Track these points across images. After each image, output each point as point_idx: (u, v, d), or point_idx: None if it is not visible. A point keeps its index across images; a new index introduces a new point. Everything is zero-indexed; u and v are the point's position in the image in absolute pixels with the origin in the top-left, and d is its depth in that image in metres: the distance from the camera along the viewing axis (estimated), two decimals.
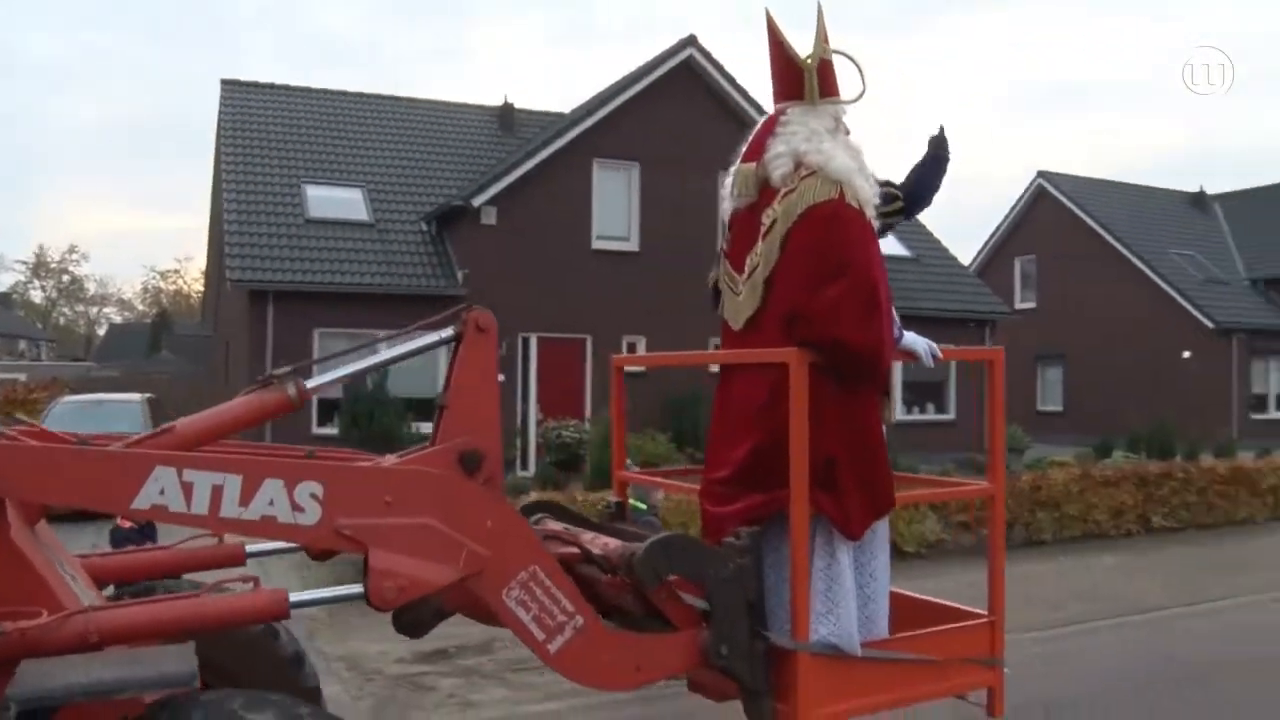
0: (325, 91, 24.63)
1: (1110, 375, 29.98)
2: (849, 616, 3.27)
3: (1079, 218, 31.41)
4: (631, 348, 20.50)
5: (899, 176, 4.25)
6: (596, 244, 20.71)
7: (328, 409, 17.92)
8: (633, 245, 21.08)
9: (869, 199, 3.40)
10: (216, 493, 2.69)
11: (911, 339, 3.58)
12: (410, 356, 3.41)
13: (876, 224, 3.43)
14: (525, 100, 37.48)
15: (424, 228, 20.66)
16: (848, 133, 3.59)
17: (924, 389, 23.93)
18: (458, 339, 3.25)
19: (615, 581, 3.24)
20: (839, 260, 3.23)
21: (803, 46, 3.62)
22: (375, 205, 20.99)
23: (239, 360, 19.81)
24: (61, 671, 2.39)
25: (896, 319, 3.45)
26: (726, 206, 3.78)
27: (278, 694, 2.67)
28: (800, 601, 3.18)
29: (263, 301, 18.26)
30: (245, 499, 2.71)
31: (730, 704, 3.45)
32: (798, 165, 3.41)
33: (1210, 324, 29.41)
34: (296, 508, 2.74)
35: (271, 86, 24.30)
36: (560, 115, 24.37)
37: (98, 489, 2.64)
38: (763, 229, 3.44)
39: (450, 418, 3.18)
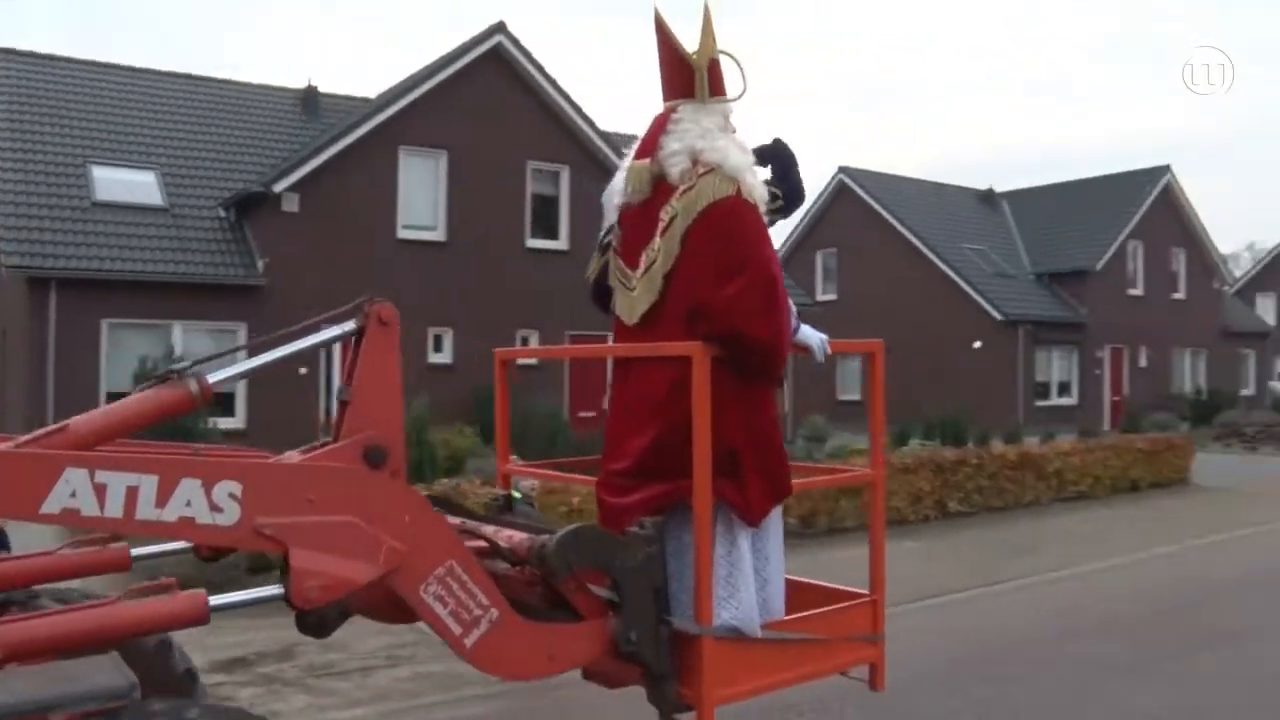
0: (115, 67, 23.31)
1: (907, 365, 31.79)
2: (749, 600, 3.49)
3: (878, 212, 33.11)
4: (438, 340, 20.38)
5: None
6: (403, 233, 20.50)
7: None
8: (440, 235, 20.96)
9: (762, 196, 3.61)
10: (132, 494, 2.64)
11: (807, 333, 3.80)
12: (311, 350, 3.39)
13: (766, 220, 3.64)
14: (329, 84, 36.52)
15: (222, 214, 19.94)
16: (734, 130, 3.79)
17: None
18: (359, 333, 3.28)
19: (523, 574, 3.35)
20: (740, 256, 3.42)
21: (688, 45, 3.80)
22: (169, 189, 20.09)
23: (17, 353, 18.58)
24: None
25: (794, 310, 3.67)
26: (616, 203, 3.90)
27: (234, 706, 2.65)
28: (704, 587, 3.38)
29: (43, 290, 17.23)
30: (162, 500, 2.67)
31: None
32: (695, 162, 3.59)
33: (999, 316, 31.57)
34: (215, 508, 2.72)
35: (53, 58, 22.78)
36: (366, 100, 23.92)
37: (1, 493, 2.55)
38: (661, 225, 3.60)
39: (354, 412, 3.19)
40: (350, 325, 3.29)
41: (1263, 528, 14.07)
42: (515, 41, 21.68)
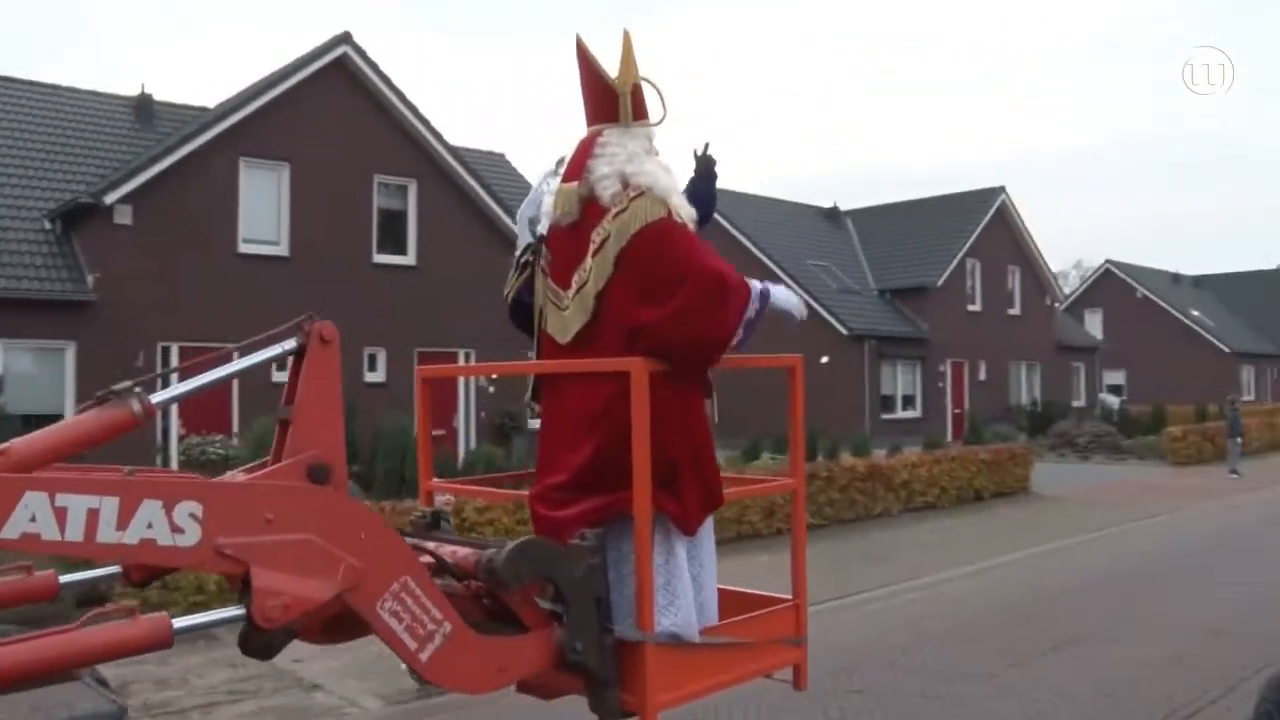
0: None
1: (756, 379, 32.49)
2: (688, 606, 3.67)
3: (727, 230, 33.87)
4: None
5: None
6: (243, 247, 20.05)
7: None
8: (282, 249, 20.58)
9: (690, 214, 3.83)
10: (92, 517, 2.64)
11: (782, 297, 3.94)
12: (252, 368, 3.42)
13: None
14: (165, 91, 35.22)
15: (47, 226, 19.09)
16: (657, 153, 3.99)
17: None
18: (300, 351, 3.34)
19: (468, 588, 3.45)
20: (679, 270, 3.60)
21: (609, 70, 3.99)
22: None
23: None
24: None
25: (762, 286, 3.85)
26: (543, 225, 4.06)
27: None
28: (645, 595, 3.55)
29: None
30: (123, 522, 2.68)
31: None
32: (625, 185, 3.77)
33: (845, 331, 32.72)
34: (176, 529, 2.74)
35: None
36: (204, 109, 23.22)
37: None
38: (593, 246, 3.76)
39: (296, 431, 3.25)
40: (291, 344, 3.34)
41: (1099, 534, 15.09)
42: (361, 52, 21.46)
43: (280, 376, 3.38)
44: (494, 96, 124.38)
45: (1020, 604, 10.28)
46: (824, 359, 32.67)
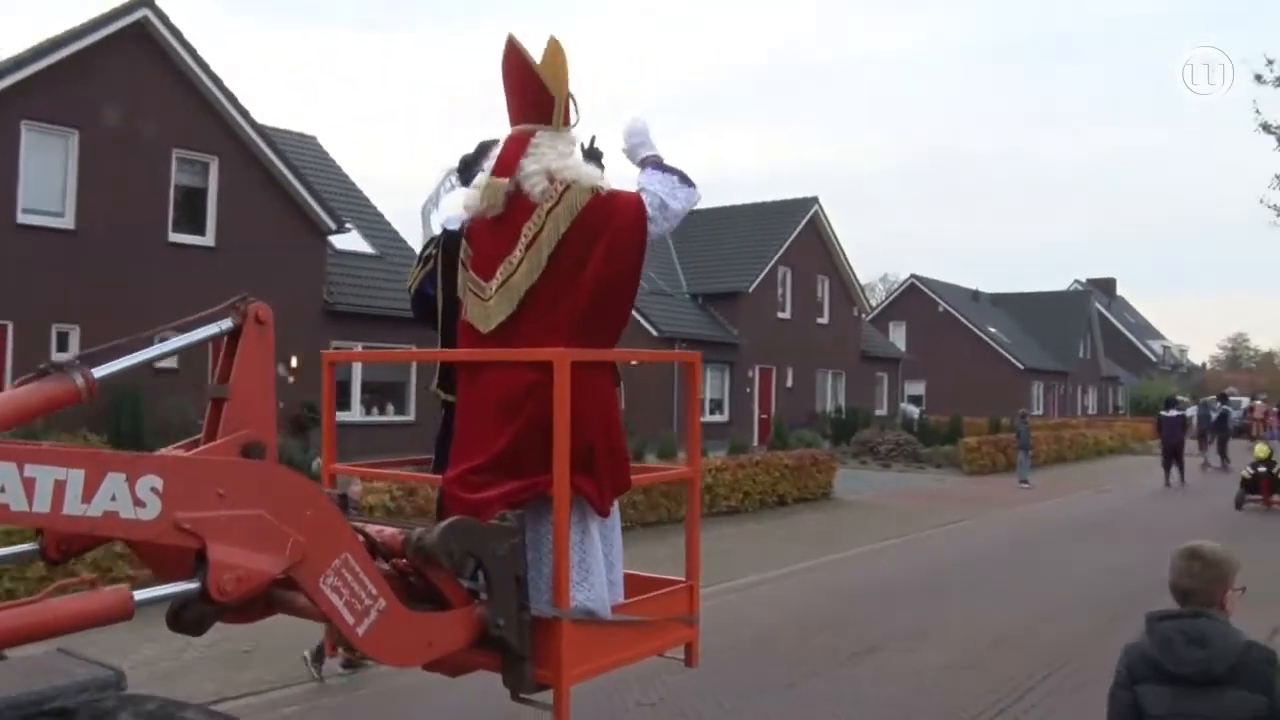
0: None
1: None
2: (601, 585, 4.02)
3: None
4: (63, 337, 19.14)
5: None
6: (23, 218, 19.12)
7: None
8: (68, 222, 19.73)
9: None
10: (59, 489, 2.77)
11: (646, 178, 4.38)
12: (189, 348, 3.56)
13: None
14: None
15: None
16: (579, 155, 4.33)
17: (384, 390, 24.85)
18: (236, 331, 3.51)
19: (398, 567, 3.68)
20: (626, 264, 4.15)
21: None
22: None
23: None
24: None
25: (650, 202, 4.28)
26: (456, 218, 4.32)
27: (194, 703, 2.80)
28: (561, 573, 3.86)
29: None
30: (88, 495, 2.81)
31: None
32: (552, 180, 4.07)
33: (656, 333, 33.46)
34: (138, 502, 2.89)
35: None
36: None
37: None
38: (524, 240, 4.05)
39: (232, 410, 3.43)
40: (227, 323, 3.51)
41: (898, 540, 15.82)
42: (163, 17, 20.74)
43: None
44: (312, 82, 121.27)
45: (821, 611, 10.57)
46: (632, 361, 33.40)
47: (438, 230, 4.70)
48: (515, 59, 4.23)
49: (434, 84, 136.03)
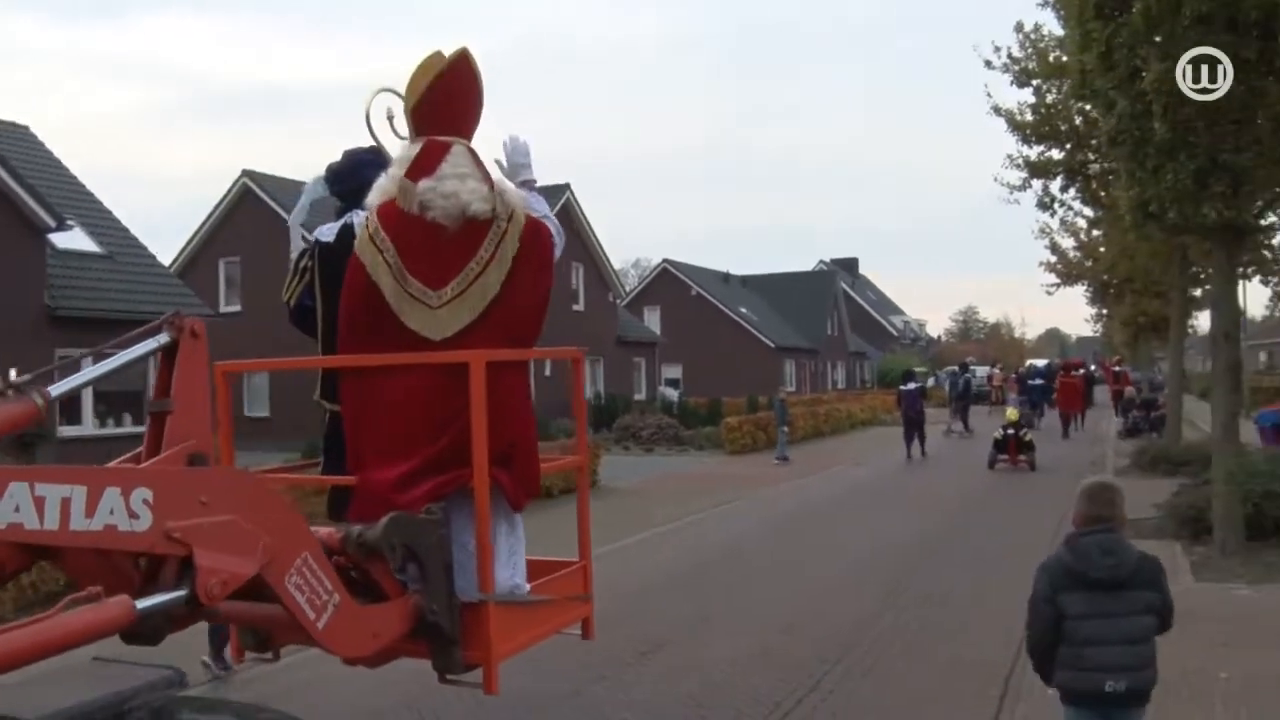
0: None
1: (311, 379, 32.19)
2: (520, 570, 4.50)
3: (284, 220, 33.44)
4: None
5: None
6: None
7: None
8: None
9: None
10: (65, 505, 3.01)
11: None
12: (132, 364, 3.80)
13: None
14: None
15: None
16: None
17: (121, 400, 23.95)
18: (173, 346, 3.80)
19: (338, 563, 4.04)
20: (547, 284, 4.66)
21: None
22: None
23: None
24: (52, 695, 2.67)
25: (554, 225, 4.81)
26: (360, 221, 4.67)
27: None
28: (486, 560, 4.31)
29: None
30: (90, 510, 3.06)
31: None
32: (497, 201, 4.53)
33: None
34: (132, 515, 3.16)
35: None
36: None
37: None
38: (483, 256, 4.48)
39: (174, 422, 3.72)
40: (164, 338, 3.80)
41: (671, 525, 16.14)
42: None
43: None
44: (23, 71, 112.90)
45: (601, 608, 9.35)
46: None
47: (305, 242, 5.07)
48: (470, 75, 4.65)
49: (167, 76, 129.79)
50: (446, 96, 4.62)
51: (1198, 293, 25.22)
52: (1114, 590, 4.39)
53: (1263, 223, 14.26)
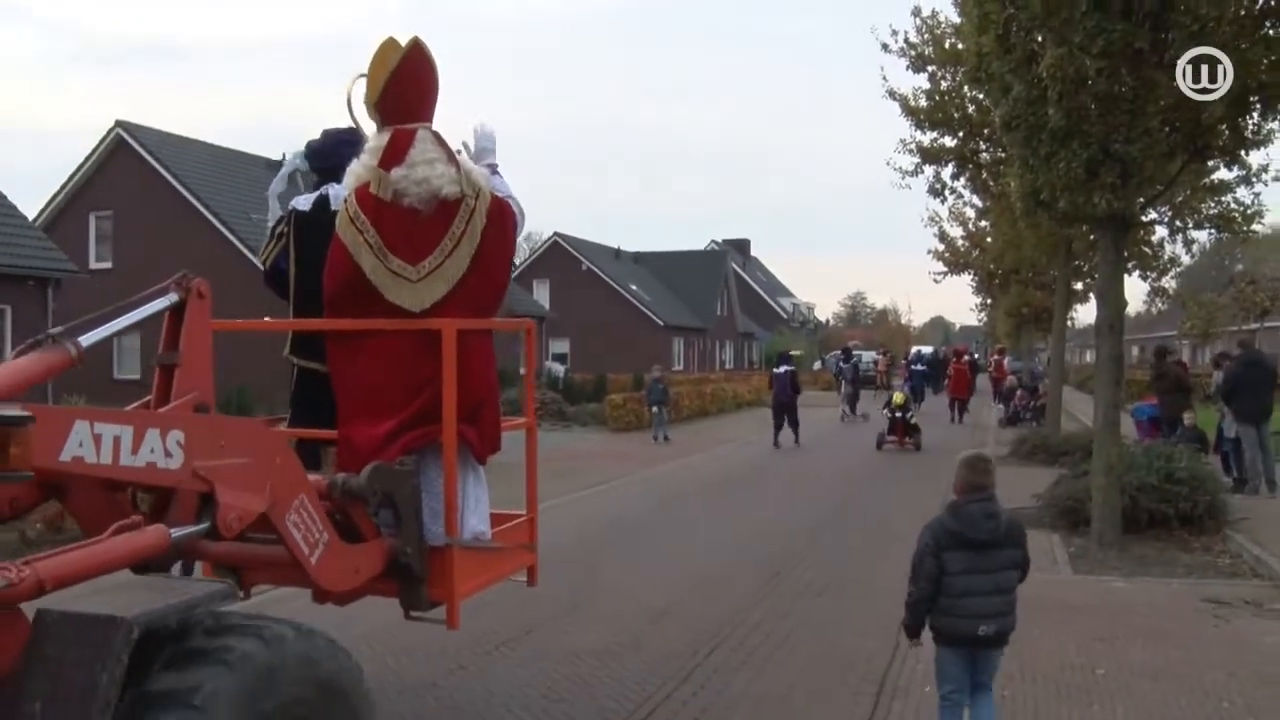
0: None
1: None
2: (484, 517, 5.14)
3: (161, 175, 33.09)
4: None
5: None
6: None
7: None
8: None
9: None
10: (116, 443, 3.56)
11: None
12: (146, 319, 4.34)
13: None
14: None
15: None
16: None
17: None
18: (181, 305, 4.34)
19: (324, 507, 4.61)
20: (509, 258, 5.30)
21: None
22: None
23: None
24: (137, 600, 3.25)
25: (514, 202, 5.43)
26: (339, 202, 5.24)
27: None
28: (452, 507, 4.93)
29: None
30: (135, 448, 3.62)
31: None
32: (465, 183, 5.11)
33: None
34: (168, 454, 3.72)
35: None
36: None
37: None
38: (454, 233, 5.07)
39: (182, 375, 4.28)
40: (174, 297, 4.35)
41: (552, 503, 15.40)
42: None
43: None
44: None
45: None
46: (266, 318, 33.05)
47: (282, 209, 5.62)
48: (427, 62, 5.21)
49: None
50: (405, 86, 5.20)
51: (1079, 285, 26.53)
52: (989, 549, 5.30)
53: (1145, 218, 15.00)
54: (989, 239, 30.10)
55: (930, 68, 21.01)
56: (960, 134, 21.39)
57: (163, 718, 3.24)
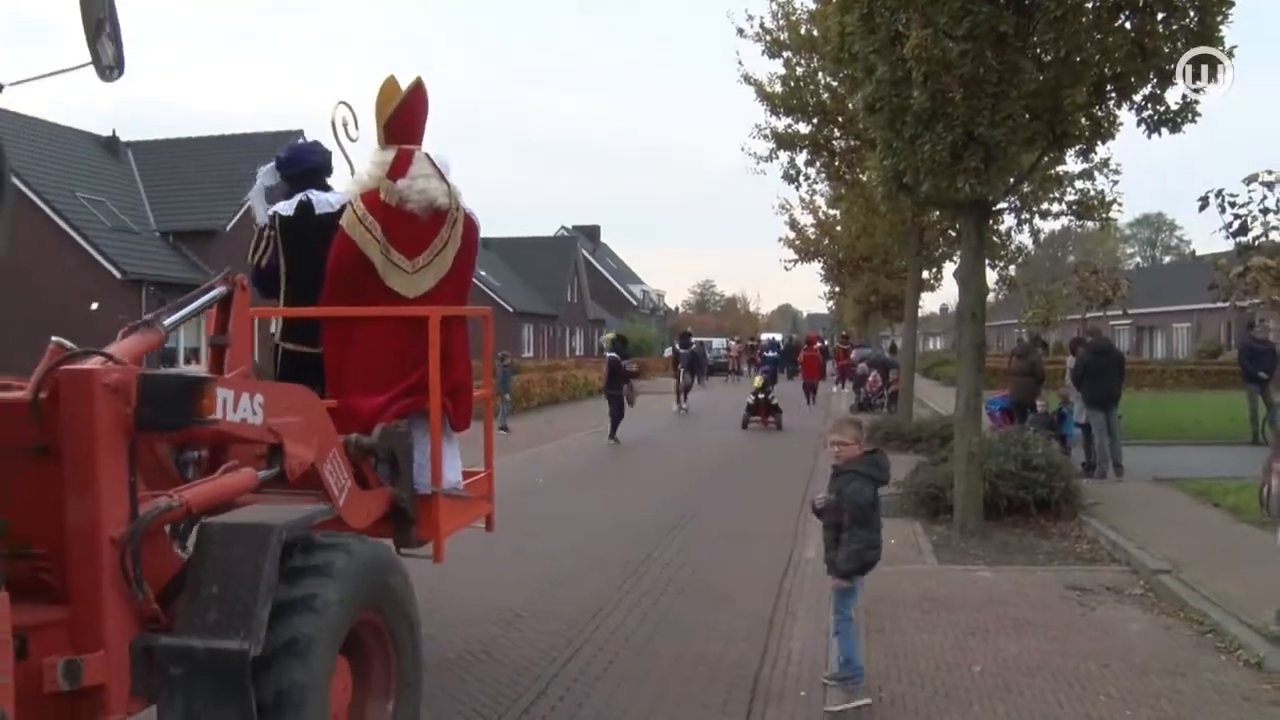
0: None
1: (8, 325, 30.77)
2: (458, 472, 6.68)
3: None
4: None
5: None
6: None
7: None
8: None
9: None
10: (226, 403, 4.87)
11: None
12: (203, 310, 5.72)
13: None
14: None
15: None
16: None
17: None
18: (228, 296, 5.76)
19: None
20: (474, 260, 6.92)
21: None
22: None
23: None
24: (274, 515, 4.67)
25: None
26: (343, 202, 6.72)
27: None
28: (436, 463, 6.42)
29: None
30: (235, 407, 4.96)
31: None
32: (449, 194, 6.59)
33: (119, 274, 33.77)
34: (253, 413, 5.06)
35: None
36: None
37: None
38: (444, 235, 6.57)
39: (232, 354, 5.72)
40: (223, 290, 5.77)
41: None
42: None
43: None
44: None
45: None
46: (94, 305, 32.93)
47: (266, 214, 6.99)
48: (423, 99, 6.76)
49: None
50: (409, 115, 6.73)
51: (925, 275, 28.04)
52: (876, 483, 7.16)
53: (1000, 205, 15.66)
54: (839, 227, 31.74)
55: (786, 53, 22.21)
56: (815, 120, 22.53)
57: (294, 619, 4.51)
